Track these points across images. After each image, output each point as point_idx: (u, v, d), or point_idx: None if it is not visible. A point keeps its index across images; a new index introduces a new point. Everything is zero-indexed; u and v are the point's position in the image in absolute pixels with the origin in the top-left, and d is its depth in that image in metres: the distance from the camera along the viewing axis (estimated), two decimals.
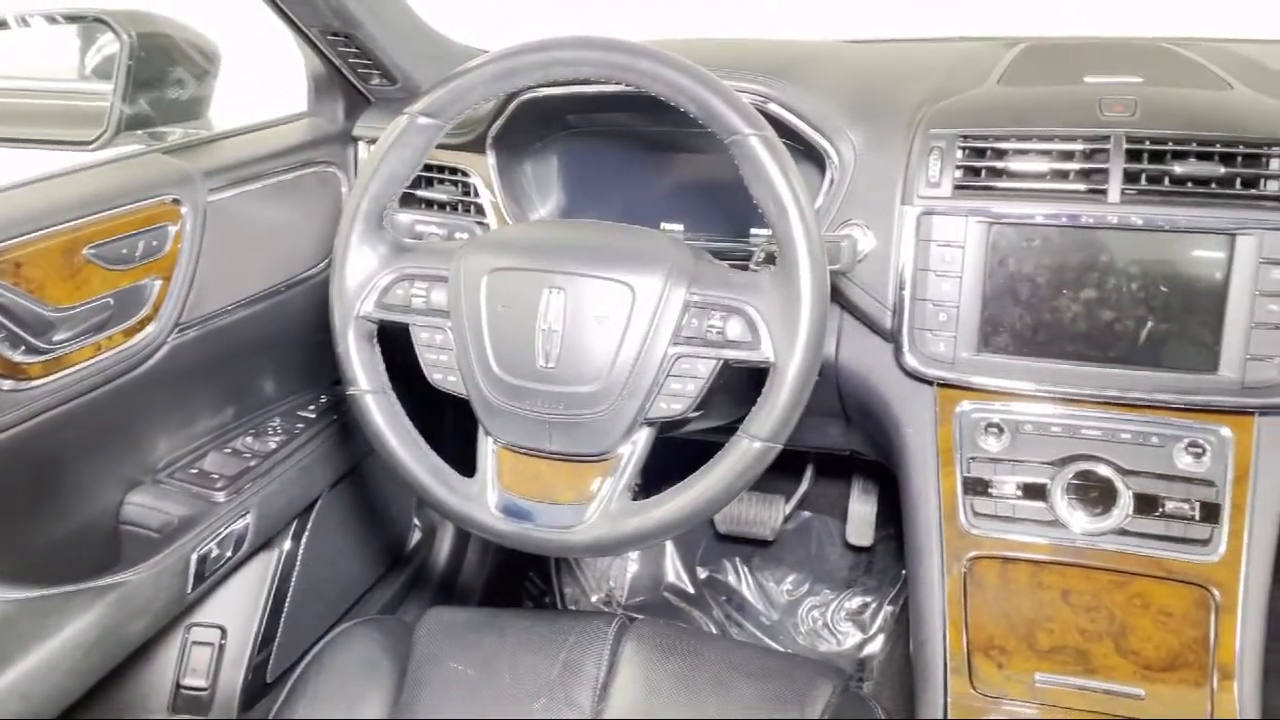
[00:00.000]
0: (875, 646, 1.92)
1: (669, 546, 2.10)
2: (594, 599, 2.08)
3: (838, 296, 1.17)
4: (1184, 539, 1.06)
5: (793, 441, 1.62)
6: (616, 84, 0.97)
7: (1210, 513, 1.06)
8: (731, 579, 2.05)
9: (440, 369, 1.04)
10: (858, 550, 2.02)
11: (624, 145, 1.38)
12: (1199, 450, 1.06)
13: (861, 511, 1.98)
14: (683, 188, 1.39)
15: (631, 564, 2.10)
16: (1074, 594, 1.10)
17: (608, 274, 0.97)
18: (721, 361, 0.95)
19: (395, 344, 1.08)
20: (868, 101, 1.21)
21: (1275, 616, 1.07)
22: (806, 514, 2.09)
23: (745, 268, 1.10)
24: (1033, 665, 1.10)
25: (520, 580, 2.10)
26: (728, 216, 1.33)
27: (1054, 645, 1.10)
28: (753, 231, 1.30)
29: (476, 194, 1.36)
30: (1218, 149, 1.02)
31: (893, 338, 1.14)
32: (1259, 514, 1.05)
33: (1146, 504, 1.07)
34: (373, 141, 1.44)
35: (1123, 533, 1.08)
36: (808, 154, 1.21)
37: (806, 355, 0.91)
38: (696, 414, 1.00)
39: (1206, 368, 1.05)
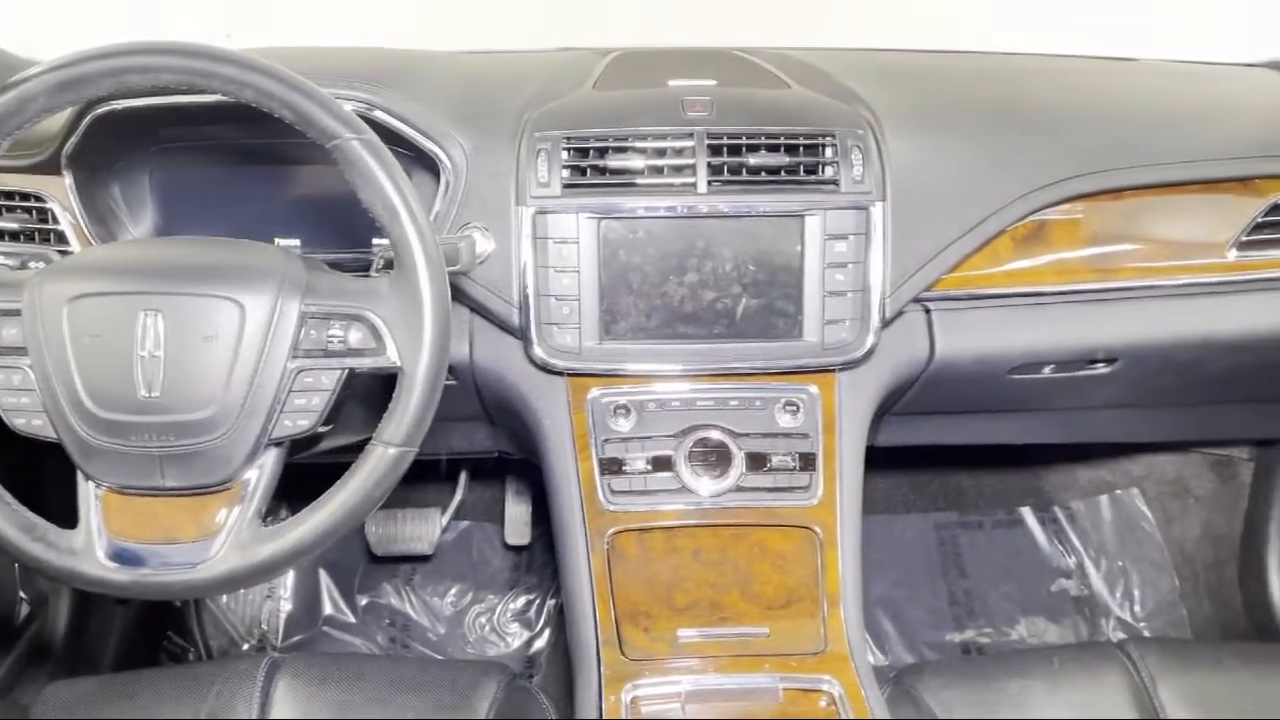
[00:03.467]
0: (543, 641, 1.97)
1: (324, 577, 2.01)
2: (245, 647, 1.94)
3: (464, 298, 1.19)
4: (789, 488, 1.19)
5: (442, 449, 1.63)
6: (202, 93, 0.92)
7: (808, 462, 1.19)
8: (394, 600, 2.01)
9: (22, 413, 0.92)
10: (518, 550, 2.05)
11: (227, 159, 1.31)
12: (794, 408, 1.20)
13: (517, 512, 2.02)
14: (297, 201, 1.34)
15: (284, 603, 1.98)
16: (703, 551, 1.20)
17: (212, 291, 0.91)
18: (346, 371, 0.93)
19: None
20: (474, 106, 1.24)
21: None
22: (465, 523, 2.09)
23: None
24: (674, 624, 1.18)
25: (158, 640, 1.91)
26: (347, 228, 1.29)
27: (690, 602, 1.19)
28: (374, 241, 1.28)
29: (54, 219, 1.22)
30: (783, 141, 1.16)
31: (522, 334, 1.18)
32: (846, 458, 1.21)
33: (757, 461, 1.19)
34: None
35: (739, 490, 1.19)
36: (420, 160, 1.21)
37: (433, 356, 0.91)
38: (327, 429, 0.97)
39: (794, 335, 1.18)
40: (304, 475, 1.06)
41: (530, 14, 1.91)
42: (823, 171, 1.16)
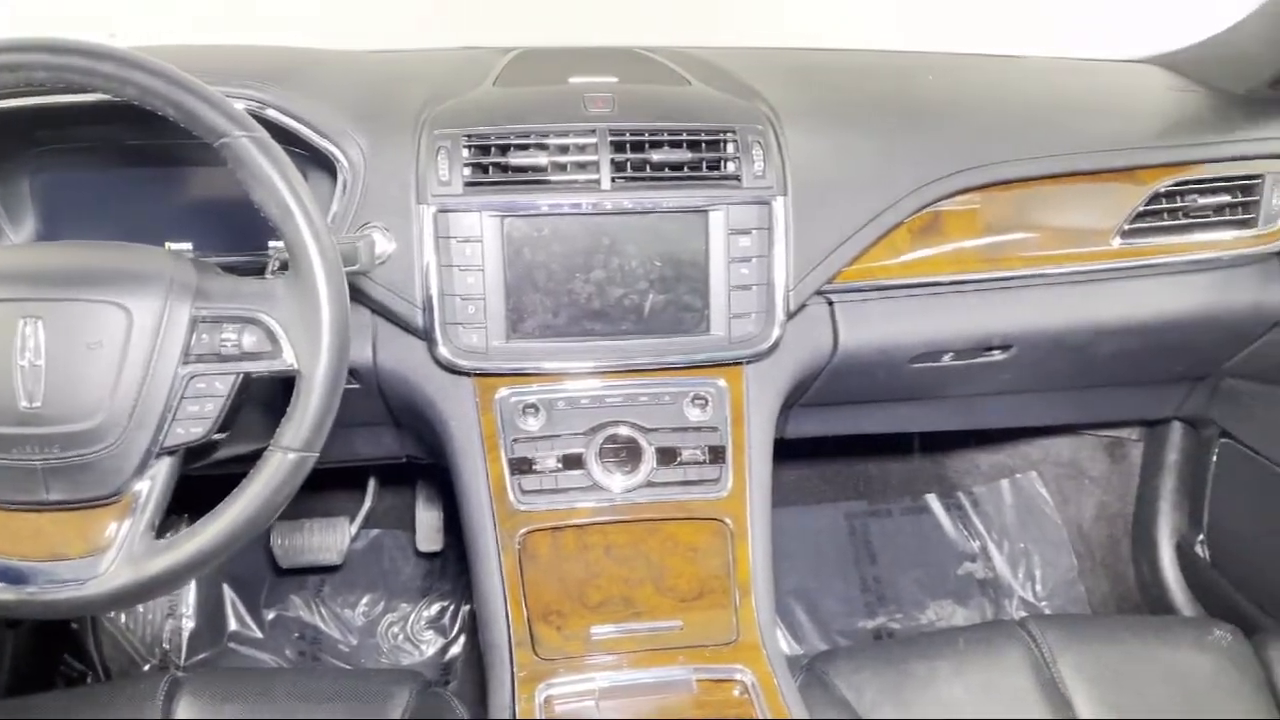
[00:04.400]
0: (458, 647, 1.94)
1: (228, 592, 1.94)
2: (146, 668, 1.87)
3: (365, 299, 1.17)
4: (699, 481, 1.20)
5: (348, 456, 1.60)
6: (83, 91, 0.88)
7: (717, 454, 1.20)
8: (303, 613, 1.95)
9: None
10: (430, 556, 2.02)
11: (113, 162, 1.26)
12: (703, 401, 1.21)
13: (429, 518, 1.99)
14: (189, 204, 1.29)
15: (186, 620, 1.91)
16: (615, 548, 1.20)
17: (94, 296, 0.87)
18: (241, 376, 0.90)
19: None
20: (371, 104, 1.22)
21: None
22: (375, 531, 2.05)
23: None
24: (587, 621, 1.18)
25: (54, 664, 1.83)
26: (243, 230, 1.25)
27: (603, 599, 1.19)
28: (271, 244, 1.25)
29: None
30: (685, 137, 1.16)
31: (426, 335, 1.16)
32: (755, 449, 1.22)
33: (667, 456, 1.19)
34: None
35: (650, 484, 1.19)
36: (318, 160, 1.19)
37: (332, 357, 0.89)
38: (222, 436, 0.94)
39: (701, 329, 1.18)
40: (205, 486, 1.02)
41: (425, 15, 1.88)
42: (725, 167, 1.17)
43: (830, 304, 1.30)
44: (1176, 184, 1.34)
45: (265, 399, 1.01)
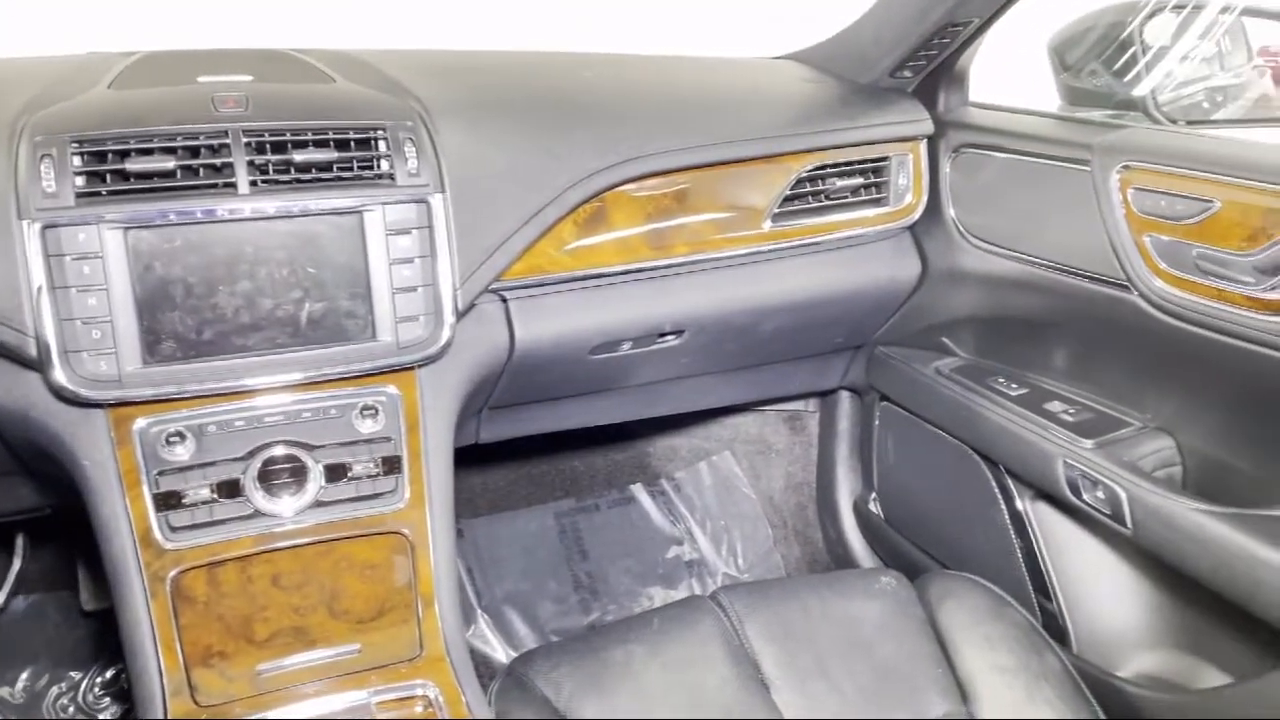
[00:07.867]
0: None
1: None
2: None
3: None
4: (373, 495, 1.15)
5: None
6: None
7: (392, 465, 1.15)
8: None
9: None
10: (99, 615, 1.82)
11: None
12: (373, 411, 1.15)
13: (93, 573, 1.78)
14: None
15: None
16: (283, 576, 1.11)
17: None
18: None
19: None
20: None
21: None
22: (33, 595, 1.82)
23: None
24: (254, 659, 1.09)
25: None
26: None
27: (272, 632, 1.10)
28: None
29: None
30: (331, 136, 1.10)
31: (42, 366, 1.03)
32: (433, 455, 1.18)
33: (336, 472, 1.13)
34: None
35: (319, 505, 1.12)
36: None
37: None
38: None
39: (366, 336, 1.13)
40: None
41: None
42: (378, 165, 1.12)
43: (504, 300, 1.29)
44: (816, 168, 1.44)
45: None
